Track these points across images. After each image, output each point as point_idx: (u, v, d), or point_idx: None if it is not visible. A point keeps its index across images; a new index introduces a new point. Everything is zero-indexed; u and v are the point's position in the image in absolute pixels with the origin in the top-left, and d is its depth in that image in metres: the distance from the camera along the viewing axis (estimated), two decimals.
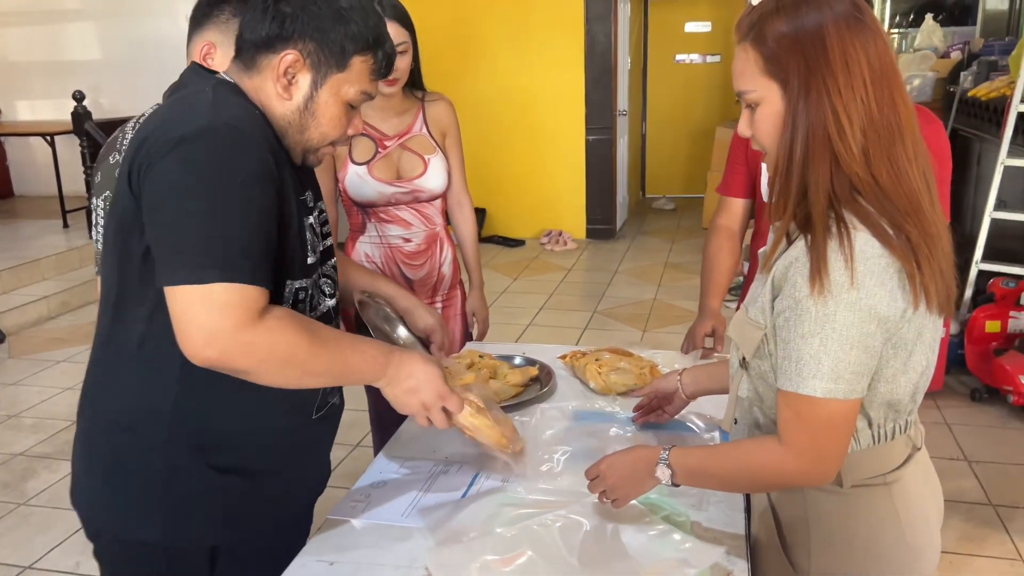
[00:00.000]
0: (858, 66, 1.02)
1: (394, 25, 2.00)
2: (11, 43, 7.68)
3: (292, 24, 1.16)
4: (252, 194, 1.09)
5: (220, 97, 1.15)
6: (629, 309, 5.11)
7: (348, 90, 1.21)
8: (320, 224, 1.35)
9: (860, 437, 1.13)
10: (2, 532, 2.83)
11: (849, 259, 1.00)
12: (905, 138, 1.04)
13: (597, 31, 6.53)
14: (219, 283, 1.04)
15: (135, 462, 1.22)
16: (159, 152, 1.09)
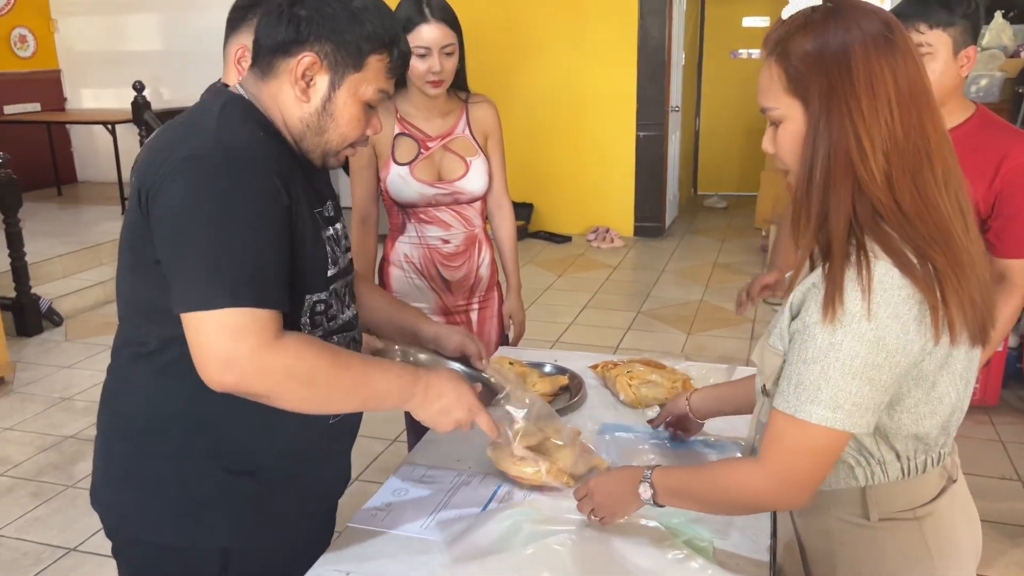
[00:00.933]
0: (884, 88, 0.98)
1: (442, 27, 2.00)
2: (77, 33, 7.92)
3: (308, 27, 1.16)
4: (258, 215, 1.10)
5: (224, 119, 1.16)
6: (674, 310, 5.04)
7: (366, 89, 1.21)
8: (344, 237, 1.35)
9: (888, 469, 1.09)
10: (49, 513, 2.93)
11: (867, 290, 0.97)
12: (935, 164, 1.00)
13: (651, 26, 6.44)
14: (230, 308, 1.06)
15: (150, 465, 1.25)
16: (164, 176, 1.10)
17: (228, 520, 1.27)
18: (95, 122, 7.01)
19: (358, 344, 1.42)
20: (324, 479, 1.40)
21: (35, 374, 4.15)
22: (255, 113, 1.22)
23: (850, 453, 1.09)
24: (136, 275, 1.21)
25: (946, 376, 1.05)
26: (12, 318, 4.55)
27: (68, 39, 7.96)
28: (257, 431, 1.25)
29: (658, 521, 1.33)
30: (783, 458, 1.04)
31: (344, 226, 1.39)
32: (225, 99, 1.22)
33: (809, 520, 1.18)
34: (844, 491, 1.12)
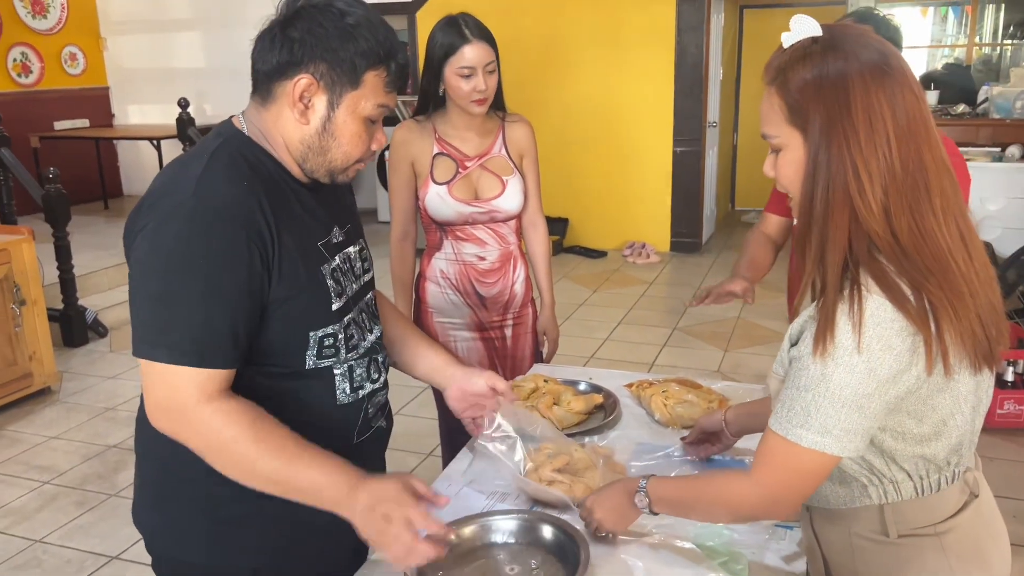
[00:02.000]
0: (881, 121, 0.99)
1: (483, 45, 2.04)
2: (125, 51, 8.13)
3: (301, 48, 1.16)
4: (217, 273, 1.11)
5: (209, 170, 1.16)
6: (711, 327, 5.00)
7: (365, 105, 1.20)
8: (361, 260, 1.36)
9: (902, 488, 1.10)
10: (93, 521, 2.99)
11: (858, 324, 0.98)
12: (932, 196, 1.01)
13: (688, 42, 6.43)
14: (170, 363, 1.11)
15: (180, 488, 1.27)
16: (139, 226, 1.15)
17: (257, 540, 1.28)
18: (141, 138, 7.19)
19: (381, 365, 1.40)
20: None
21: (80, 384, 4.26)
22: (250, 150, 1.22)
23: (862, 473, 1.11)
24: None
25: (947, 399, 1.05)
26: (59, 329, 4.67)
27: (116, 57, 8.18)
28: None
29: (694, 542, 1.32)
30: (773, 475, 1.08)
31: (363, 247, 1.39)
32: (219, 142, 1.22)
33: (830, 536, 1.18)
34: (863, 509, 1.13)
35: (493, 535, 1.34)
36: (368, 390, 1.36)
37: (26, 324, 3.94)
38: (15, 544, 2.86)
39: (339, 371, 1.30)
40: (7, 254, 3.83)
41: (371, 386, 1.37)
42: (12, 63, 7.32)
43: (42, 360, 4.04)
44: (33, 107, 7.43)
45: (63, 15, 7.73)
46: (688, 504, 1.22)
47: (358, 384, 1.34)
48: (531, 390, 1.82)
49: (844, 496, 1.14)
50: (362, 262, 1.38)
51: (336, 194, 1.35)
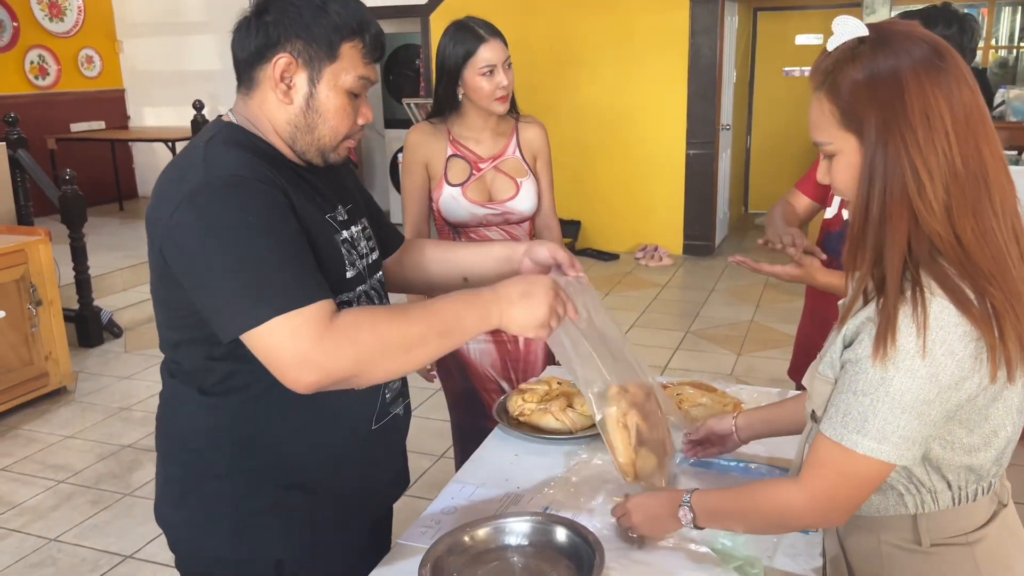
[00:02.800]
0: (939, 118, 0.95)
1: (498, 43, 2.07)
2: (140, 53, 8.20)
3: (276, 29, 1.18)
4: (266, 224, 1.12)
5: (210, 152, 1.18)
6: (724, 330, 4.98)
7: (345, 78, 1.21)
8: (365, 239, 1.37)
9: (939, 498, 1.08)
10: (108, 520, 3.01)
11: (923, 327, 0.95)
12: (992, 191, 0.98)
13: (702, 44, 6.42)
14: (275, 317, 1.07)
15: (203, 484, 1.29)
16: (170, 219, 1.13)
17: (281, 533, 1.30)
18: (156, 139, 7.23)
19: None
20: (375, 486, 1.42)
21: (96, 384, 4.29)
22: (242, 136, 1.23)
23: (900, 481, 1.09)
24: (167, 310, 1.25)
25: (1001, 409, 1.04)
26: (75, 329, 4.71)
27: (132, 59, 8.24)
28: (302, 444, 1.28)
29: (708, 546, 1.32)
30: (826, 482, 1.05)
31: (366, 227, 1.39)
32: (212, 132, 1.24)
33: (858, 543, 1.17)
34: (896, 517, 1.11)
35: (507, 537, 1.33)
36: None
37: (42, 324, 3.97)
38: (30, 543, 2.88)
39: None
40: (24, 255, 3.86)
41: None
42: (29, 65, 7.39)
43: (58, 360, 4.07)
44: (50, 109, 7.49)
45: (80, 18, 7.80)
46: (735, 516, 1.19)
47: None
48: (544, 392, 1.82)
49: (878, 504, 1.11)
50: (366, 241, 1.38)
51: (336, 174, 1.36)
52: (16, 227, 4.37)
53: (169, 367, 1.31)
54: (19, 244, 3.87)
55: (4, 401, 3.82)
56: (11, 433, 3.74)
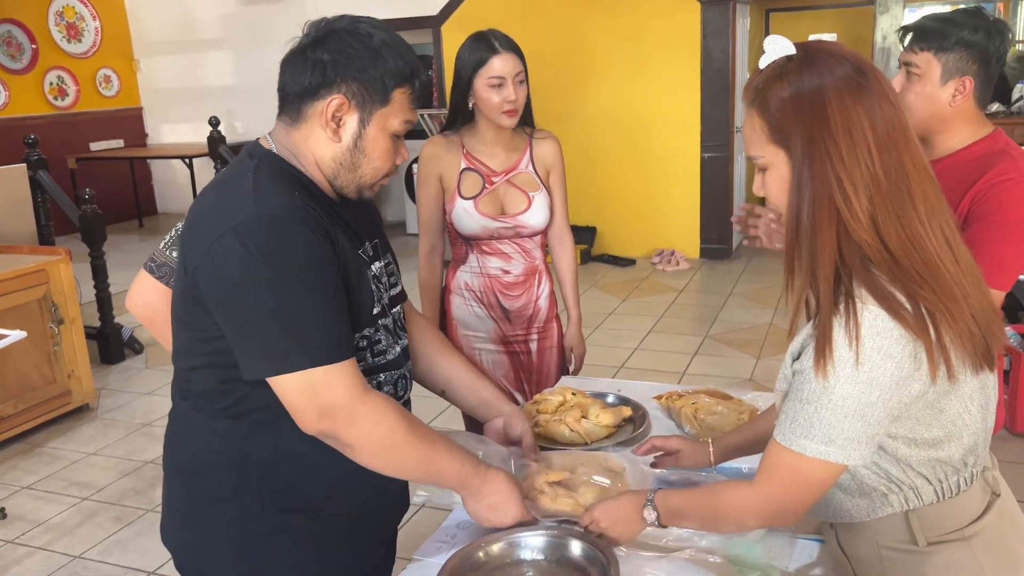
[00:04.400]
0: (861, 133, 1.00)
1: (512, 57, 2.06)
2: (157, 72, 8.30)
3: (334, 70, 1.20)
4: (314, 275, 1.15)
5: (260, 184, 1.19)
6: (743, 334, 4.95)
7: (393, 122, 1.25)
8: (387, 274, 1.39)
9: (922, 493, 1.10)
10: (130, 536, 3.04)
11: (855, 338, 0.99)
12: (916, 201, 1.02)
13: (714, 47, 6.40)
14: (312, 369, 1.13)
15: (208, 506, 1.30)
16: (211, 248, 1.15)
17: (285, 556, 1.30)
18: (174, 156, 7.32)
19: (408, 381, 1.44)
20: (378, 511, 1.42)
21: (117, 400, 4.33)
22: (288, 168, 1.25)
23: (881, 482, 1.11)
24: (188, 331, 1.26)
25: (954, 400, 1.06)
26: (96, 346, 4.76)
27: (149, 78, 8.35)
28: (307, 469, 1.28)
29: (725, 556, 1.31)
30: (778, 484, 1.09)
31: (390, 262, 1.43)
32: (257, 160, 1.25)
33: (858, 549, 1.17)
34: (887, 519, 1.12)
35: (522, 552, 1.33)
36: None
37: (64, 342, 4.01)
38: (56, 560, 2.91)
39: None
40: (45, 274, 3.91)
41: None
42: (49, 87, 7.50)
43: (80, 378, 4.12)
44: (69, 129, 7.60)
45: (97, 39, 7.91)
46: (694, 515, 1.23)
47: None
48: (559, 403, 1.81)
49: (866, 507, 1.13)
50: (388, 276, 1.40)
51: (363, 210, 1.38)
52: (38, 247, 4.42)
53: (181, 387, 1.32)
54: (40, 264, 3.92)
55: (28, 419, 3.87)
56: (35, 451, 3.78)
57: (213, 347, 1.21)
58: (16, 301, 3.76)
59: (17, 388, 3.80)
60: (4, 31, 7.20)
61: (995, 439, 1.29)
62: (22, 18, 7.29)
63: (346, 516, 1.34)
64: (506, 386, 2.27)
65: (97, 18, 7.94)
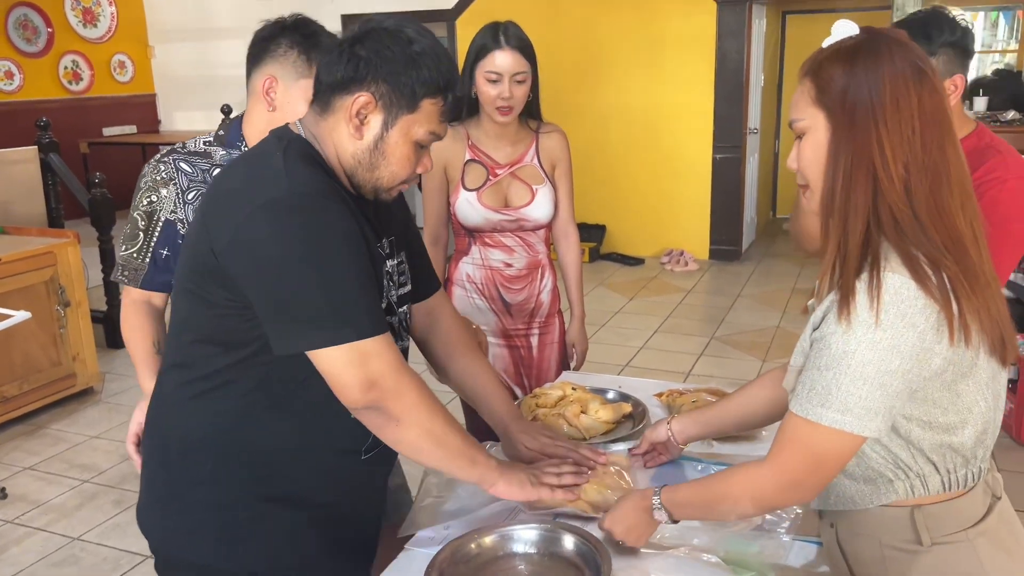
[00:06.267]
0: (908, 104, 1.02)
1: (515, 54, 2.03)
2: (171, 58, 8.32)
3: (366, 67, 1.19)
4: (351, 250, 1.16)
5: (290, 163, 1.19)
6: (750, 336, 4.92)
7: (417, 130, 1.23)
8: (399, 273, 1.38)
9: (928, 482, 1.09)
10: (129, 520, 3.03)
11: (876, 299, 0.98)
12: (952, 185, 1.04)
13: (729, 47, 6.36)
14: (357, 341, 1.14)
15: (188, 489, 1.28)
16: (243, 222, 1.14)
17: (262, 545, 1.29)
18: None
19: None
20: (358, 510, 1.41)
21: (122, 385, 4.34)
22: (314, 154, 1.25)
23: (888, 467, 1.10)
24: (195, 302, 1.24)
25: (971, 385, 1.06)
26: (103, 330, 4.77)
27: (163, 64, 8.37)
28: (291, 458, 1.27)
29: (719, 555, 1.29)
30: (792, 457, 1.08)
31: (402, 262, 1.41)
32: (287, 142, 1.24)
33: (860, 548, 1.15)
34: (892, 516, 1.11)
35: (514, 545, 1.32)
36: None
37: (70, 325, 4.03)
38: (54, 541, 2.92)
39: None
40: (53, 257, 3.93)
41: None
42: (63, 71, 7.53)
43: (85, 361, 4.13)
44: (83, 113, 7.63)
45: (113, 24, 7.94)
46: (708, 503, 1.21)
47: None
48: (558, 398, 1.80)
49: (870, 494, 1.12)
50: (400, 276, 1.39)
51: (386, 205, 1.36)
52: (46, 229, 4.44)
53: (172, 364, 1.31)
54: (48, 246, 3.93)
55: (32, 401, 3.88)
56: (39, 432, 3.80)
57: (219, 324, 1.20)
58: (23, 283, 3.78)
59: (22, 369, 3.82)
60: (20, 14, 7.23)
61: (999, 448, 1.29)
62: (39, 2, 7.32)
63: (330, 509, 1.33)
64: (506, 380, 2.26)
65: (113, 3, 7.96)
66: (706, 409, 1.53)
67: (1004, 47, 7.85)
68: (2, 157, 4.63)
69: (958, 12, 1.76)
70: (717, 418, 1.50)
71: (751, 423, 1.48)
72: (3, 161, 4.61)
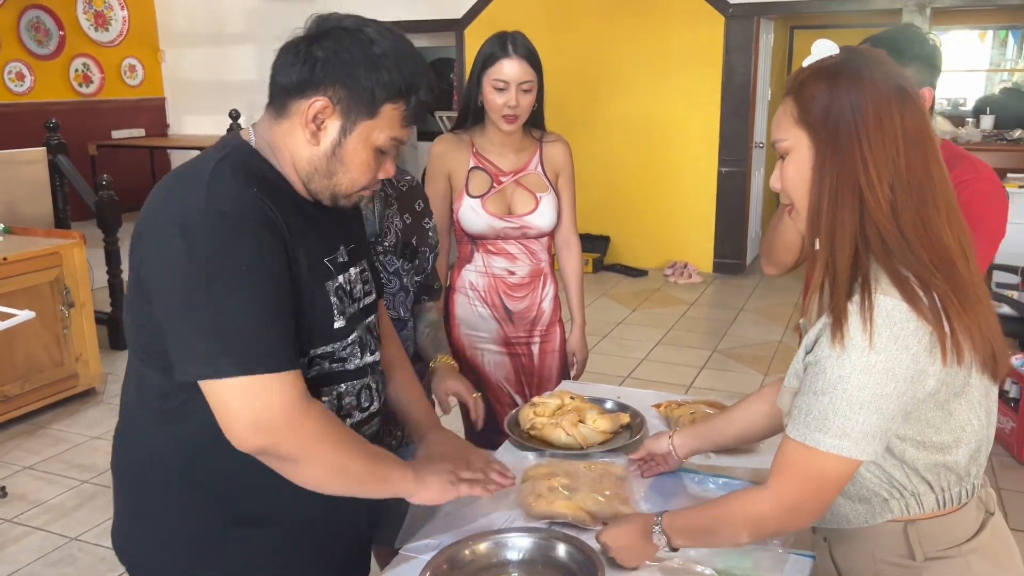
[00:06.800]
0: (891, 124, 1.02)
1: (522, 64, 2.04)
2: (181, 63, 8.36)
3: (323, 69, 1.13)
4: (257, 277, 1.08)
5: (216, 175, 1.12)
6: (752, 350, 4.92)
7: (378, 136, 1.17)
8: (362, 282, 1.32)
9: (923, 501, 1.09)
10: None
11: (869, 321, 0.98)
12: (939, 203, 1.04)
13: (736, 62, 6.38)
14: (249, 376, 1.06)
15: (156, 510, 1.24)
16: (155, 240, 1.09)
17: (237, 567, 1.25)
18: (193, 147, 7.36)
19: (374, 393, 1.36)
20: (343, 522, 1.34)
21: None
22: (256, 162, 1.18)
23: (882, 486, 1.10)
24: (135, 325, 1.19)
25: (964, 404, 1.06)
26: (107, 332, 4.79)
27: (173, 69, 8.41)
28: (261, 480, 1.19)
29: (712, 567, 1.29)
30: (792, 483, 1.07)
31: (364, 269, 1.35)
32: (226, 151, 1.18)
33: (853, 562, 1.15)
34: (886, 531, 1.11)
35: (508, 552, 1.32)
36: (356, 419, 1.31)
37: (74, 326, 4.04)
38: (52, 541, 2.92)
39: (327, 398, 1.26)
40: (58, 257, 3.94)
41: (359, 415, 1.31)
42: (74, 73, 7.58)
43: (88, 362, 4.14)
44: (92, 116, 7.67)
45: (124, 28, 7.99)
46: (708, 530, 1.20)
47: (345, 412, 1.29)
48: (556, 407, 1.80)
49: (864, 513, 1.12)
50: (363, 284, 1.33)
51: (342, 212, 1.30)
52: (52, 230, 4.46)
53: (133, 383, 1.25)
54: (54, 247, 3.95)
55: (34, 400, 3.89)
56: (40, 432, 3.80)
57: (159, 345, 1.13)
58: (28, 283, 3.79)
59: (25, 369, 3.83)
60: (33, 17, 7.29)
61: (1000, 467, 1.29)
62: (51, 4, 7.37)
63: (309, 529, 1.28)
64: (507, 389, 2.26)
65: (125, 7, 8.02)
66: (706, 423, 1.53)
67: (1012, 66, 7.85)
68: (10, 158, 4.65)
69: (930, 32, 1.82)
70: (717, 432, 1.50)
71: (751, 437, 1.48)
72: (11, 161, 4.63)
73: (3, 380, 3.74)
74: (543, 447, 1.70)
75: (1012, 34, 7.85)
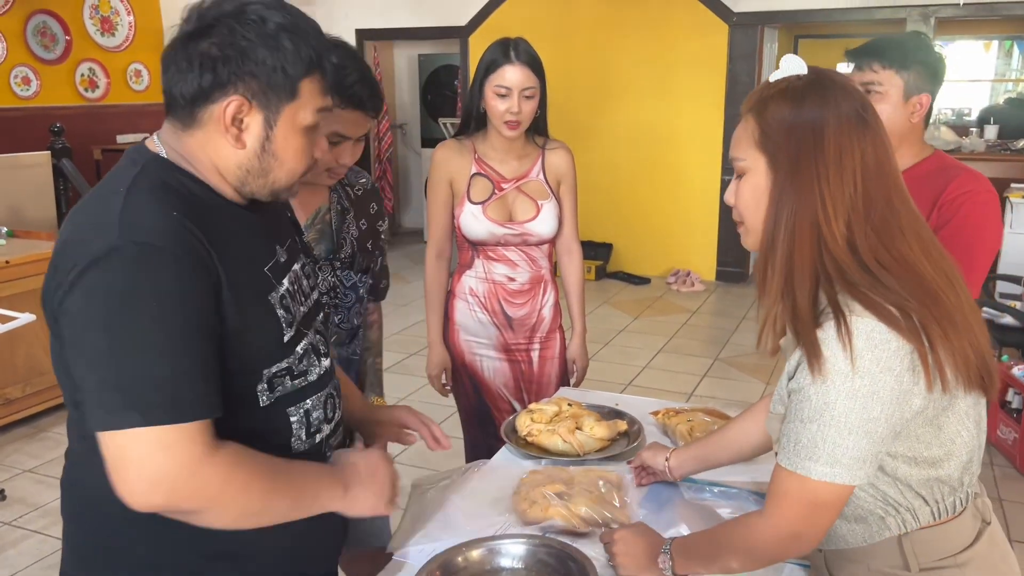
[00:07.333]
0: (851, 161, 1.01)
1: (525, 70, 2.04)
2: None
3: (225, 67, 1.03)
4: (172, 317, 0.98)
5: (131, 203, 1.02)
6: (754, 359, 4.90)
7: (304, 116, 1.09)
8: (305, 276, 1.26)
9: (919, 515, 1.08)
10: None
11: (848, 346, 0.97)
12: (907, 235, 1.03)
13: (740, 71, 6.38)
14: (151, 427, 0.96)
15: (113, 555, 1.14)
16: (67, 279, 0.99)
17: None
18: None
19: (337, 400, 1.30)
20: (311, 546, 1.25)
21: None
22: (172, 176, 1.08)
23: (878, 505, 1.09)
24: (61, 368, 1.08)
25: (952, 417, 1.05)
26: None
27: None
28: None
29: None
30: (788, 512, 1.06)
31: (305, 264, 1.27)
32: (136, 171, 1.07)
33: (848, 574, 1.15)
34: (880, 543, 1.10)
35: (501, 559, 1.31)
36: (325, 433, 1.24)
37: None
38: (50, 544, 2.92)
39: (295, 417, 1.18)
40: None
41: (328, 428, 1.25)
42: (80, 78, 7.61)
43: None
44: (98, 121, 7.69)
45: (130, 33, 8.02)
46: (711, 557, 1.19)
47: (315, 428, 1.21)
48: (553, 414, 1.80)
49: (863, 533, 1.11)
50: (307, 279, 1.26)
51: (275, 209, 1.24)
52: (55, 234, 4.47)
53: (75, 433, 1.15)
54: None
55: (35, 403, 3.89)
56: (40, 436, 3.80)
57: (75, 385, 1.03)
58: (30, 286, 3.80)
59: (25, 372, 3.83)
60: (39, 22, 7.33)
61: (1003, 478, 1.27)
62: (58, 9, 7.41)
63: (279, 557, 1.19)
64: (505, 395, 2.26)
65: (131, 13, 8.06)
66: (702, 444, 1.53)
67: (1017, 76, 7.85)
68: (15, 161, 4.67)
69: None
70: (712, 453, 1.50)
71: (746, 455, 1.47)
72: (16, 165, 4.65)
73: (4, 383, 3.75)
74: (540, 454, 1.70)
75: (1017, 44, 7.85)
